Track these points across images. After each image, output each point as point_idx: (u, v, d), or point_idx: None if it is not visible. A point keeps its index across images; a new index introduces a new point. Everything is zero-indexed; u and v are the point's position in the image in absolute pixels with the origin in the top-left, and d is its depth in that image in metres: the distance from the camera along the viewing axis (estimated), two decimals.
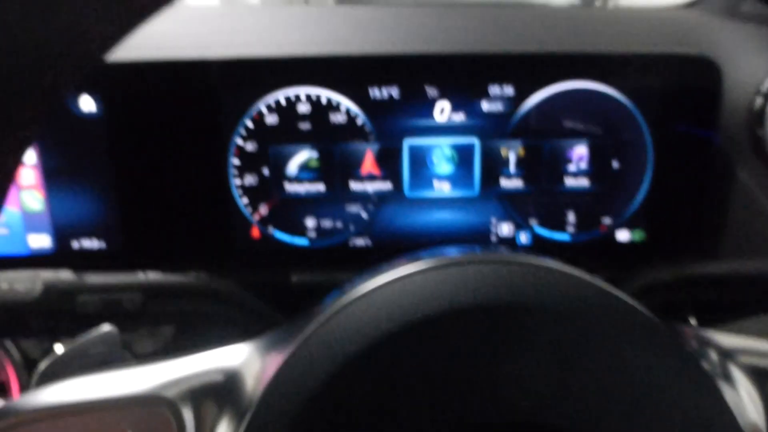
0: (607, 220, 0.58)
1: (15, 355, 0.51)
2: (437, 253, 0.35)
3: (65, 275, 0.40)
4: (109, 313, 0.40)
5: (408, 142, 0.56)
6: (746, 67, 0.59)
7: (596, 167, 0.57)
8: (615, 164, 0.57)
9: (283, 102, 0.55)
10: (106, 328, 0.37)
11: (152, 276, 0.43)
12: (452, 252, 0.34)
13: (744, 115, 0.58)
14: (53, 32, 0.19)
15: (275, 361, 0.25)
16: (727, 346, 0.27)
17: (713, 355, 0.26)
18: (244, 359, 0.27)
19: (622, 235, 0.59)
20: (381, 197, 0.57)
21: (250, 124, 0.55)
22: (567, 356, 0.24)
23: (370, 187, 0.57)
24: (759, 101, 0.57)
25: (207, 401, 0.26)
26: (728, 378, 0.25)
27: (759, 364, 0.26)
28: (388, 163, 0.56)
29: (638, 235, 0.59)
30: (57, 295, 0.39)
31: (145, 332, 0.54)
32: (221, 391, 0.26)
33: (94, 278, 0.41)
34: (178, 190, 0.56)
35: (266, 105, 0.55)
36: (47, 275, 0.40)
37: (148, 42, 0.57)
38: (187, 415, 0.25)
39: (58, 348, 0.49)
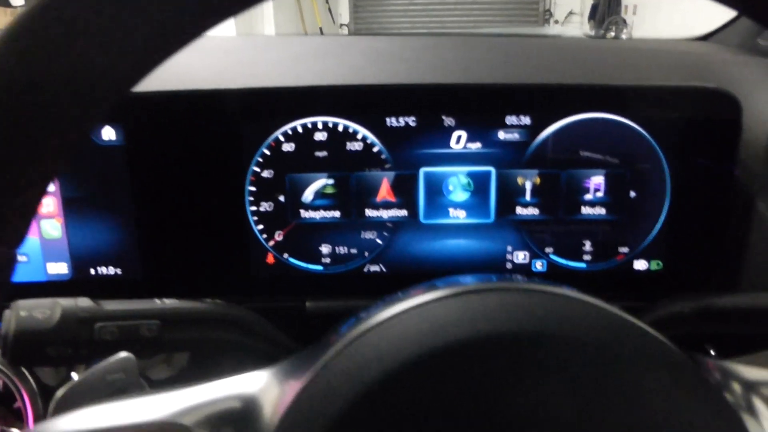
0: (623, 250, 0.58)
1: (31, 382, 0.51)
2: (454, 281, 0.35)
3: (84, 302, 0.41)
4: (126, 341, 0.40)
5: (424, 170, 0.56)
6: (765, 100, 0.59)
7: (613, 197, 0.57)
8: (632, 194, 0.57)
9: (300, 130, 0.55)
10: (122, 354, 0.37)
11: (169, 303, 0.43)
12: (469, 280, 0.34)
13: (764, 147, 0.58)
14: (80, 67, 0.20)
15: (293, 388, 0.25)
16: (750, 378, 0.26)
17: (736, 388, 0.26)
18: (261, 386, 0.27)
19: (639, 265, 0.58)
20: (396, 224, 0.57)
21: (266, 151, 0.55)
22: (587, 387, 0.24)
23: (386, 214, 0.57)
24: None
25: (224, 428, 0.26)
26: (752, 410, 0.25)
27: None
28: (404, 191, 0.57)
29: (655, 265, 0.58)
30: (75, 322, 0.39)
31: (160, 359, 0.54)
32: (239, 418, 0.26)
33: (113, 305, 0.41)
34: (196, 218, 0.56)
35: (283, 133, 0.55)
36: (66, 302, 0.40)
37: (168, 74, 0.58)
38: None
39: (75, 376, 0.49)
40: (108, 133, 0.55)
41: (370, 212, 0.57)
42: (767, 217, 0.57)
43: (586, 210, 0.57)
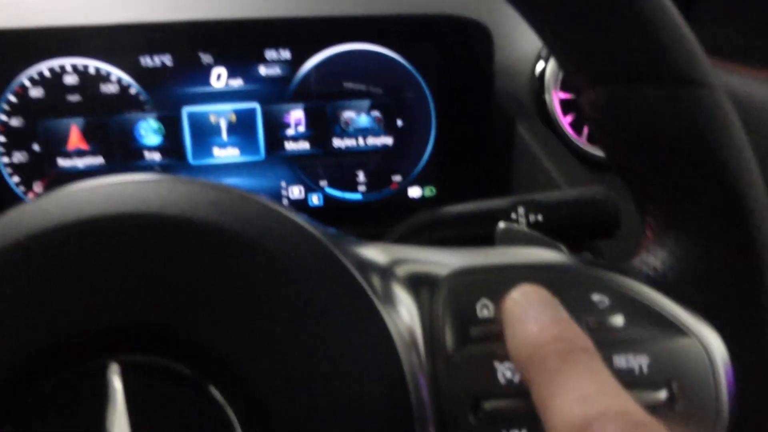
0: (397, 178, 0.60)
1: None
2: None
3: None
4: None
5: (187, 110, 0.55)
6: (526, 33, 0.63)
7: (381, 127, 0.58)
8: (400, 123, 0.59)
9: (47, 74, 0.52)
10: None
11: None
12: None
13: (526, 78, 0.61)
14: None
15: None
16: (384, 262, 0.26)
17: (375, 276, 0.25)
18: None
19: (414, 192, 0.61)
20: (164, 168, 0.56)
21: (12, 98, 0.52)
22: (213, 268, 0.23)
23: (152, 157, 0.56)
24: (539, 66, 0.61)
25: None
26: (389, 297, 0.25)
27: (412, 271, 0.25)
28: (169, 133, 0.55)
29: (429, 191, 0.61)
30: None
31: None
32: None
33: None
34: None
35: (29, 78, 0.52)
36: None
37: None
38: None
39: None
40: None
41: (134, 157, 0.55)
42: (527, 139, 0.61)
43: (355, 141, 0.58)
